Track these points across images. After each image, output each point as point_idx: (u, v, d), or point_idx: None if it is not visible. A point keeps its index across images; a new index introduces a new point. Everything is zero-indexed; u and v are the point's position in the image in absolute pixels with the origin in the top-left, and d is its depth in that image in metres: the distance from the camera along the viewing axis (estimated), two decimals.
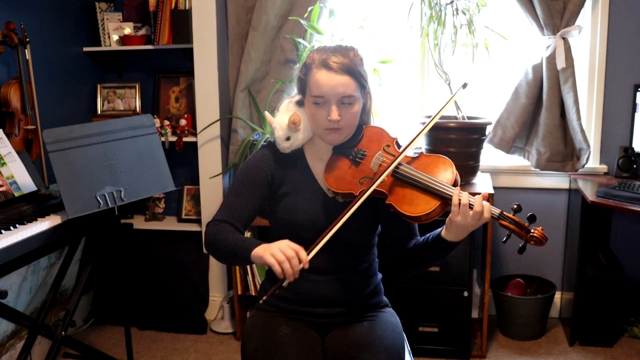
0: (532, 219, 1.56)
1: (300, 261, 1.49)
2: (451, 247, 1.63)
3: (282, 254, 1.48)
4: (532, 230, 1.55)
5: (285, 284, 1.51)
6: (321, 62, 1.64)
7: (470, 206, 1.54)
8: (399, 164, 1.65)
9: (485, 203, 1.54)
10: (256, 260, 1.54)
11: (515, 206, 1.57)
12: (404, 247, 1.74)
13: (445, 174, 1.63)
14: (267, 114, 1.83)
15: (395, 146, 1.73)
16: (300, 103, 1.78)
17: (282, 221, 1.74)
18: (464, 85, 1.72)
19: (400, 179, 1.64)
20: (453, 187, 1.58)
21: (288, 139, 1.73)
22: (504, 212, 1.56)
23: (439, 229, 1.64)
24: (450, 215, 1.56)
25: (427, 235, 1.69)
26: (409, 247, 1.73)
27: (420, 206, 1.59)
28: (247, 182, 1.75)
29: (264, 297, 1.54)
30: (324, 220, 1.70)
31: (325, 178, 1.71)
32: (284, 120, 1.72)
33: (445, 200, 1.57)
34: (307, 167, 1.78)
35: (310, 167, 1.78)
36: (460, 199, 1.54)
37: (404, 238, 1.75)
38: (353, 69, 1.65)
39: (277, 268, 1.47)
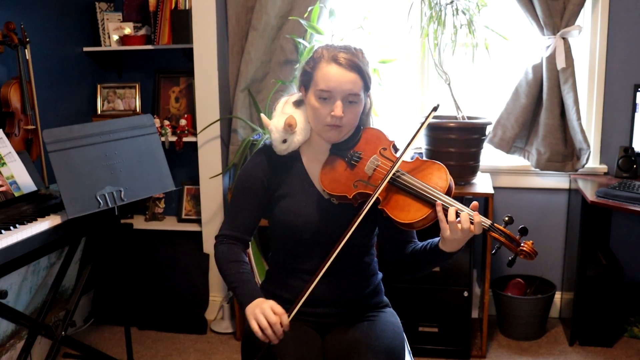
0: (523, 231, 1.53)
1: (281, 325, 1.56)
2: (449, 257, 1.63)
3: (265, 321, 1.56)
4: (522, 244, 1.52)
5: (271, 343, 1.58)
6: (331, 57, 1.65)
7: (458, 214, 1.53)
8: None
9: (475, 218, 1.52)
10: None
11: (506, 218, 1.55)
12: (401, 252, 1.74)
13: (438, 181, 1.61)
14: (263, 116, 1.83)
15: (392, 150, 1.72)
16: (297, 103, 1.77)
17: (280, 223, 1.75)
18: (435, 108, 1.70)
19: (394, 185, 1.63)
20: (445, 196, 1.56)
21: (284, 141, 1.73)
22: (495, 224, 1.54)
23: (437, 239, 1.63)
24: (440, 231, 1.56)
25: (426, 242, 1.69)
26: (406, 253, 1.73)
27: (411, 213, 1.58)
28: (245, 193, 1.77)
29: None
30: (320, 222, 1.71)
31: (321, 179, 1.71)
32: (280, 122, 1.72)
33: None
34: (303, 169, 1.77)
35: (306, 168, 1.78)
36: (447, 209, 1.52)
37: (401, 242, 1.75)
38: (362, 68, 1.66)
39: (260, 335, 1.56)
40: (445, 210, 1.54)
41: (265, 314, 1.56)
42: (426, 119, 1.73)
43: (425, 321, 2.87)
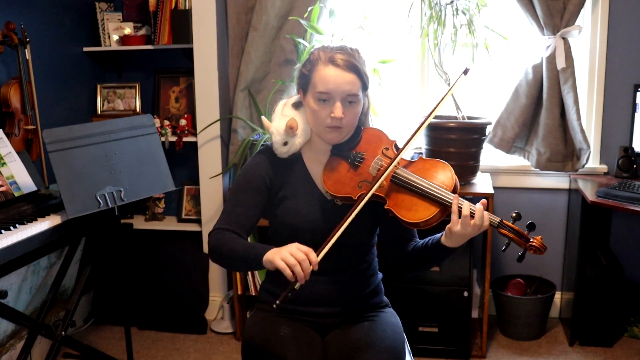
0: (531, 227, 1.55)
1: (310, 263, 1.50)
2: (450, 252, 1.63)
3: (292, 258, 1.49)
4: (531, 239, 1.54)
5: (297, 286, 1.51)
6: (328, 59, 1.65)
7: (472, 215, 1.54)
8: (398, 168, 1.65)
9: (485, 213, 1.54)
10: (267, 265, 1.54)
11: (514, 214, 1.57)
12: (403, 250, 1.75)
13: (444, 180, 1.62)
14: (264, 118, 1.82)
15: (394, 149, 1.72)
16: (297, 105, 1.77)
17: (282, 224, 1.74)
18: (465, 72, 1.69)
19: (399, 184, 1.63)
20: (453, 194, 1.57)
21: (285, 144, 1.73)
22: (504, 221, 1.56)
23: (439, 235, 1.64)
24: (449, 224, 1.57)
25: (427, 239, 1.69)
26: (408, 250, 1.74)
27: (419, 212, 1.58)
28: (245, 189, 1.75)
29: (277, 302, 1.53)
30: (322, 223, 1.71)
31: (323, 181, 1.71)
32: (281, 125, 1.72)
33: (444, 207, 1.57)
34: (305, 170, 1.77)
35: (308, 169, 1.78)
36: (461, 209, 1.54)
37: (403, 241, 1.75)
38: (359, 69, 1.66)
39: (288, 272, 1.49)
40: (459, 206, 1.54)
41: (292, 251, 1.50)
42: (455, 82, 1.71)
43: (425, 321, 2.87)
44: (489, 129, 3.00)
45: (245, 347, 1.73)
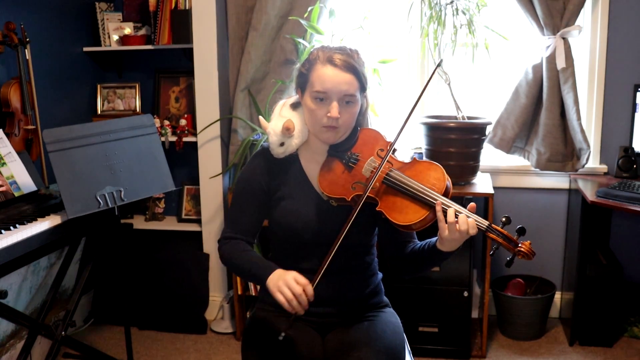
0: (521, 232, 1.53)
1: (307, 295, 1.54)
2: (446, 256, 1.63)
3: (289, 292, 1.53)
4: (519, 244, 1.52)
5: (297, 314, 1.56)
6: (327, 58, 1.65)
7: (457, 215, 1.53)
8: (391, 170, 1.65)
9: (472, 218, 1.53)
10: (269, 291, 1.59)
11: (504, 219, 1.55)
12: (401, 251, 1.75)
13: (435, 182, 1.61)
14: (261, 119, 1.83)
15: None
16: (295, 105, 1.77)
17: (279, 224, 1.75)
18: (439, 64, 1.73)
19: (390, 186, 1.63)
20: (440, 198, 1.56)
21: (282, 144, 1.73)
22: (492, 225, 1.54)
23: (435, 238, 1.63)
24: (438, 230, 1.56)
25: (424, 242, 1.69)
26: (406, 253, 1.74)
27: (409, 215, 1.58)
28: (245, 195, 1.77)
29: (282, 334, 1.58)
30: (319, 223, 1.71)
31: (319, 181, 1.71)
32: (277, 126, 1.72)
33: (435, 210, 1.56)
34: (301, 171, 1.78)
35: (305, 170, 1.78)
36: (445, 210, 1.53)
37: (400, 242, 1.75)
38: (357, 69, 1.66)
39: (287, 306, 1.54)
40: (444, 210, 1.54)
41: (289, 285, 1.54)
42: (431, 75, 1.76)
43: (425, 321, 2.87)
44: (489, 129, 3.00)
45: (245, 347, 1.73)
